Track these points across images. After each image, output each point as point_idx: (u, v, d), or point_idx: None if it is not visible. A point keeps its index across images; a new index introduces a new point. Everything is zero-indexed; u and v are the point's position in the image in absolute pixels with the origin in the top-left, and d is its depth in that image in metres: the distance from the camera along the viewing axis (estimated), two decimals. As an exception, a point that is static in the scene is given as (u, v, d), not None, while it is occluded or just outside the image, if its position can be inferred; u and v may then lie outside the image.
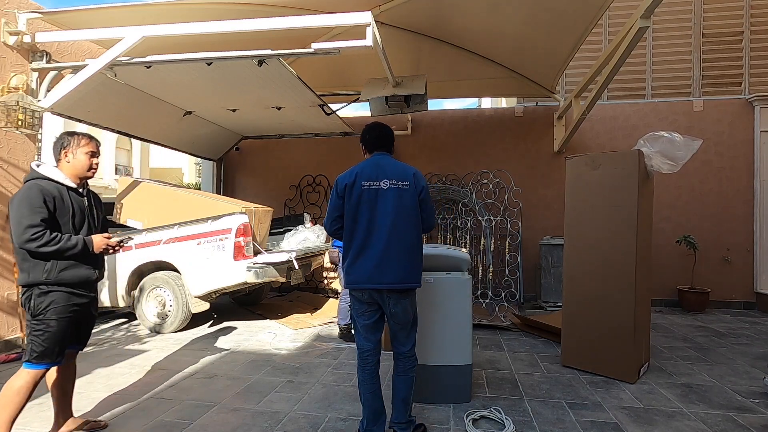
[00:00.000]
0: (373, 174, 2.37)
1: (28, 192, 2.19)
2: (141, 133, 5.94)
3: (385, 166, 2.42)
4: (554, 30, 4.74)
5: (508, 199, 6.37)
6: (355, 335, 2.52)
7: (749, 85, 6.41)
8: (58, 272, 2.25)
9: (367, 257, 2.32)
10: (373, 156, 2.50)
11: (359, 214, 2.34)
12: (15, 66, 4.06)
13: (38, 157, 4.25)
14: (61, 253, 2.23)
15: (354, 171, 2.40)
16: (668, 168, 3.26)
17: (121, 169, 18.88)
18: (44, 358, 2.22)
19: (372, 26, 3.55)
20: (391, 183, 2.36)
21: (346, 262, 2.40)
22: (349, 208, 2.36)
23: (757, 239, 6.13)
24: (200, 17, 4.01)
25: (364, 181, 2.35)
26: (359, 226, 2.34)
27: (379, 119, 3.42)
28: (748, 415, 2.80)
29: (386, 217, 2.33)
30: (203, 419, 2.71)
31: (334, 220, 2.43)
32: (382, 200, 2.34)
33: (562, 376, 3.47)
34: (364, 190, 2.34)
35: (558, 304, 5.78)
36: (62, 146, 2.37)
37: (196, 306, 4.74)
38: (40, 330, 2.21)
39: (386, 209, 2.33)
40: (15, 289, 4.00)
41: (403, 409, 2.42)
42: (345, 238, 2.41)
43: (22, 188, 2.23)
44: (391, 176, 2.37)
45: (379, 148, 2.52)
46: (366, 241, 2.33)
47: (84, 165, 2.39)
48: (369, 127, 2.57)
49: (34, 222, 2.15)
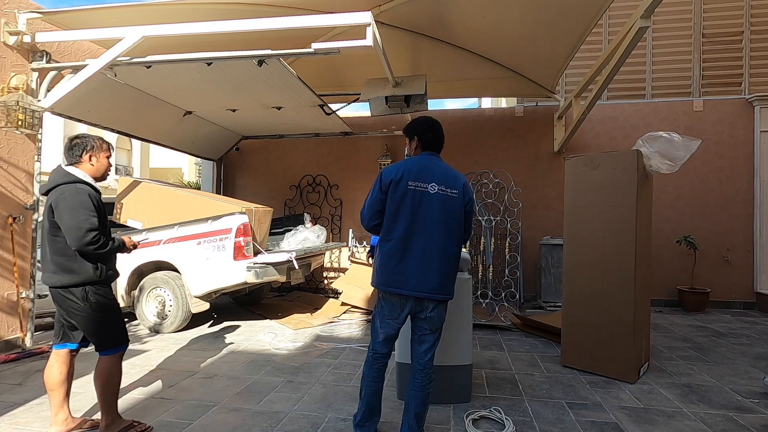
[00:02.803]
0: (421, 175, 2.25)
1: (79, 196, 2.28)
2: (141, 133, 5.94)
3: (435, 169, 2.30)
4: (554, 30, 4.74)
5: (508, 199, 6.37)
6: (372, 335, 2.40)
7: (749, 85, 6.41)
8: (107, 271, 2.42)
9: (404, 261, 2.21)
10: (424, 155, 2.37)
11: (400, 214, 2.23)
12: (15, 66, 4.06)
13: (38, 156, 4.25)
14: (109, 254, 2.41)
15: (401, 168, 2.27)
16: (667, 168, 3.26)
17: (121, 169, 18.88)
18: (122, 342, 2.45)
19: (372, 26, 3.55)
20: (439, 188, 2.25)
21: (378, 261, 2.30)
22: (390, 205, 2.25)
23: (757, 239, 6.13)
24: (200, 17, 4.01)
25: (411, 180, 2.23)
26: (398, 226, 2.23)
27: (379, 119, 3.42)
28: (748, 415, 2.80)
29: (431, 222, 2.23)
30: (203, 419, 2.71)
31: (374, 214, 2.30)
32: (426, 204, 2.23)
33: (562, 376, 3.47)
34: (409, 189, 2.23)
35: (558, 304, 5.78)
36: (86, 149, 2.42)
37: (196, 306, 4.74)
38: (110, 319, 2.42)
39: (432, 215, 2.23)
40: (15, 289, 4.00)
41: (416, 425, 2.30)
42: (381, 236, 2.30)
43: (70, 191, 2.28)
44: (441, 181, 2.26)
45: (433, 149, 2.41)
46: (405, 244, 2.22)
47: (105, 169, 2.51)
48: (428, 123, 2.41)
49: (93, 225, 2.27)
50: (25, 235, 4.13)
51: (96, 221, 2.29)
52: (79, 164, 2.44)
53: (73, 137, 2.47)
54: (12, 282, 3.99)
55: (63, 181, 2.33)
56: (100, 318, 2.38)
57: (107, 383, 2.39)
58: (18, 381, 3.33)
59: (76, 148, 2.42)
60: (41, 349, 4.03)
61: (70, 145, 2.44)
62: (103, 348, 2.41)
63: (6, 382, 3.29)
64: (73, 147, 2.43)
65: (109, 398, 2.40)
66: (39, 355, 3.92)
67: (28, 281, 4.15)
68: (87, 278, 2.33)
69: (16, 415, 2.74)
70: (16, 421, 2.67)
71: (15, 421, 2.66)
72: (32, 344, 4.15)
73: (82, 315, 2.35)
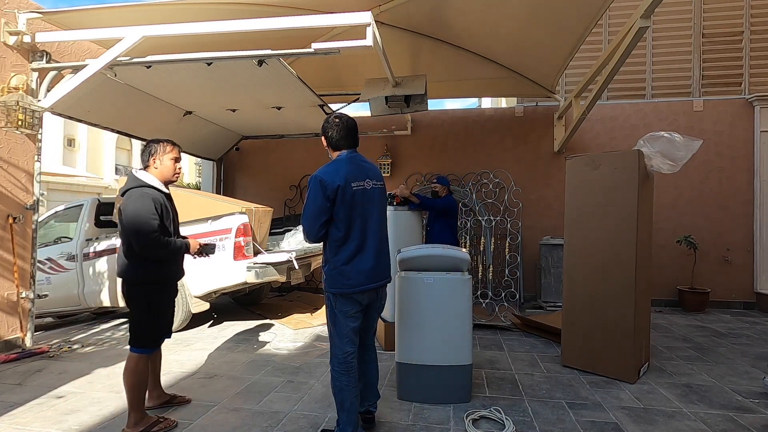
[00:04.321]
0: (359, 174, 2.30)
1: (143, 201, 2.44)
2: (141, 133, 5.94)
3: (364, 164, 2.38)
4: (554, 30, 4.74)
5: (508, 199, 6.37)
6: (336, 342, 2.34)
7: (749, 85, 6.41)
8: (168, 270, 2.59)
9: (364, 259, 2.27)
10: (349, 153, 2.37)
11: (354, 217, 2.25)
12: (15, 66, 4.05)
13: (38, 156, 4.25)
14: (170, 255, 2.56)
15: (340, 171, 2.25)
16: (668, 168, 3.26)
17: (121, 169, 18.89)
18: (147, 345, 2.56)
19: (372, 26, 3.55)
20: (373, 183, 2.35)
21: (338, 268, 2.27)
22: (342, 211, 2.22)
23: (757, 239, 6.13)
24: (200, 17, 4.01)
25: (353, 182, 2.25)
26: (354, 228, 2.25)
27: (379, 119, 3.47)
28: (748, 415, 2.80)
29: (374, 217, 2.33)
30: (203, 419, 2.71)
31: (322, 224, 2.24)
32: (368, 200, 2.30)
33: (562, 376, 3.47)
34: (356, 191, 2.25)
35: (558, 304, 5.78)
36: (150, 153, 2.59)
37: (196, 306, 4.74)
38: (147, 319, 2.54)
39: (374, 209, 2.33)
40: (15, 290, 4.00)
41: (377, 390, 2.59)
42: (334, 243, 2.27)
43: (135, 196, 2.46)
44: (372, 176, 2.35)
45: (352, 145, 2.39)
46: (362, 243, 2.27)
47: (170, 170, 2.64)
48: (337, 121, 2.37)
49: (154, 228, 2.43)
50: (25, 235, 4.13)
51: (156, 224, 2.43)
52: (147, 168, 2.62)
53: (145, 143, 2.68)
54: (12, 282, 3.99)
55: (131, 185, 2.51)
56: (139, 315, 2.53)
57: (129, 380, 2.49)
58: (18, 381, 3.33)
59: (144, 153, 2.62)
60: (41, 349, 4.03)
61: (141, 150, 2.66)
62: (132, 344, 2.55)
63: (6, 382, 3.30)
64: (143, 152, 2.63)
65: (132, 396, 2.49)
66: (39, 355, 3.93)
67: (27, 281, 4.15)
68: (146, 277, 2.50)
69: (16, 415, 2.75)
70: (16, 421, 2.67)
71: (15, 421, 2.66)
72: (32, 344, 4.15)
73: (131, 308, 2.54)
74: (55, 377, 3.42)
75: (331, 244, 2.30)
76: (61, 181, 13.58)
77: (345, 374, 2.30)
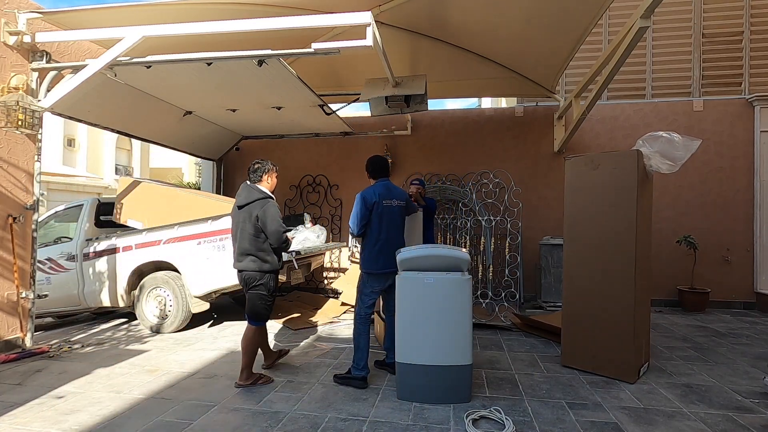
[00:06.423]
0: (388, 195, 3.36)
1: (275, 208, 3.22)
2: (141, 133, 5.94)
3: (393, 189, 3.44)
4: (554, 30, 4.74)
5: (508, 199, 6.37)
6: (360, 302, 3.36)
7: (749, 85, 6.41)
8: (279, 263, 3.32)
9: (386, 252, 3.27)
10: (382, 181, 3.44)
11: (381, 223, 3.30)
12: (15, 66, 4.06)
13: (38, 156, 4.24)
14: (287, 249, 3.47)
15: (376, 191, 3.33)
16: (667, 168, 3.26)
17: (121, 169, 18.89)
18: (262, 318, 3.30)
19: (372, 26, 3.55)
20: (398, 202, 3.40)
21: (370, 255, 3.32)
22: (374, 218, 3.30)
23: (757, 239, 6.13)
24: (200, 17, 4.01)
25: (384, 200, 3.32)
26: (381, 231, 3.30)
27: (380, 119, 3.80)
28: (748, 415, 2.80)
29: (394, 224, 3.37)
30: (203, 419, 2.71)
31: (363, 225, 3.32)
32: (391, 213, 3.35)
33: (562, 376, 3.47)
34: (384, 206, 3.32)
35: (558, 304, 5.78)
36: (265, 171, 3.36)
37: (196, 306, 4.74)
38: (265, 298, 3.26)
39: (395, 220, 3.39)
40: (15, 290, 4.00)
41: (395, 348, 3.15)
42: (369, 238, 3.32)
43: (271, 205, 3.21)
44: (396, 197, 3.41)
45: (384, 176, 3.49)
46: (385, 241, 3.29)
47: (274, 185, 3.45)
48: (373, 161, 3.53)
49: (286, 228, 3.25)
50: (25, 235, 4.13)
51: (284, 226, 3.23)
52: (260, 182, 3.34)
53: (255, 162, 3.39)
54: (12, 282, 3.99)
55: (261, 196, 3.23)
56: (263, 296, 3.24)
57: (248, 346, 3.24)
58: (18, 381, 3.33)
59: (258, 171, 3.35)
60: (41, 349, 4.03)
61: (253, 168, 3.36)
62: (252, 318, 3.26)
63: (6, 382, 3.30)
64: (257, 170, 3.35)
65: (247, 357, 3.22)
66: (39, 355, 3.93)
67: (27, 281, 4.15)
68: (273, 267, 3.25)
69: (16, 415, 2.75)
70: (16, 421, 2.67)
71: (15, 421, 2.66)
72: (32, 344, 4.15)
73: (257, 292, 3.22)
74: (55, 377, 3.43)
75: (367, 239, 3.36)
76: (61, 181, 13.56)
77: (363, 323, 3.33)
